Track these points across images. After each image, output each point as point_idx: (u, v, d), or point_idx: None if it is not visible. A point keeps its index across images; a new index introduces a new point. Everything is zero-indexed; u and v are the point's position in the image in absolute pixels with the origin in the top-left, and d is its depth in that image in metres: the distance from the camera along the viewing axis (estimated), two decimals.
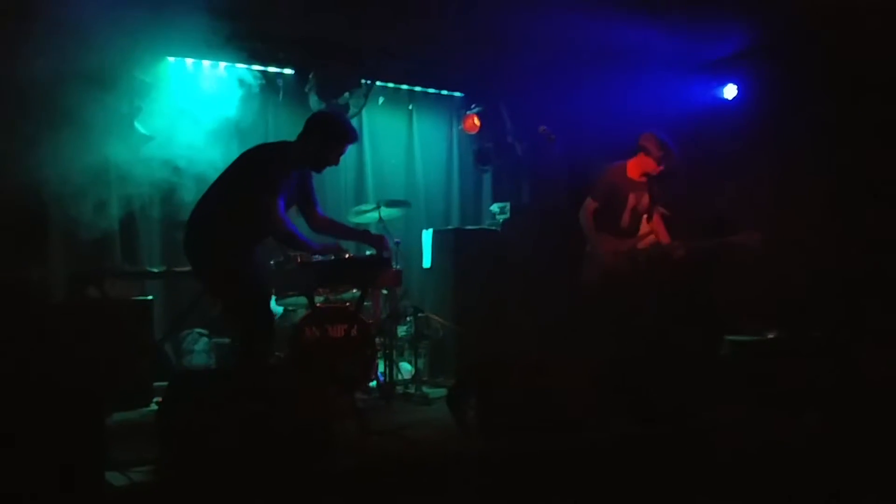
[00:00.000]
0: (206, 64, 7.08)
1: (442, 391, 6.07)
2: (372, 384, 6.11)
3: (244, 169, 4.56)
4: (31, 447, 3.42)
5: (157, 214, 7.00)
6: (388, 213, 6.78)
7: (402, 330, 6.75)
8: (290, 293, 6.01)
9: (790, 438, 4.65)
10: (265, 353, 4.56)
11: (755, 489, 4.04)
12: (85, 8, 5.15)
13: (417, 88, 8.52)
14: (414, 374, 6.39)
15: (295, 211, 5.85)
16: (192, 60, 7.03)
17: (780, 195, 7.29)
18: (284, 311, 6.44)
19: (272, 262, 5.71)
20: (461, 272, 7.14)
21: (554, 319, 6.50)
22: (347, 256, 5.04)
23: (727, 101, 8.00)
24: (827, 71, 6.99)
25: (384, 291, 6.61)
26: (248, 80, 7.03)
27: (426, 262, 7.58)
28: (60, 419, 3.51)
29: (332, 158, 4.73)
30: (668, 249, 5.95)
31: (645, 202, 5.99)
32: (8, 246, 5.95)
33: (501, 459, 4.18)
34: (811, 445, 4.53)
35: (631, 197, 5.98)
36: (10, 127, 5.59)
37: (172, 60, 6.90)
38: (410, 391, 6.15)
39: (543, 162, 7.05)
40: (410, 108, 8.63)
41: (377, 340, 6.19)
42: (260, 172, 4.47)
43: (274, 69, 7.31)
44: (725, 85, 7.98)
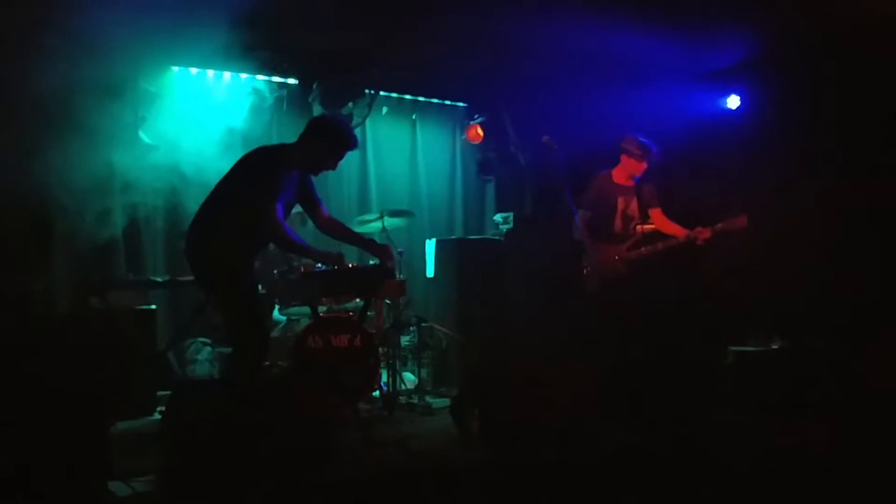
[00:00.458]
0: (210, 73, 7.11)
1: (445, 401, 6.06)
2: (375, 394, 6.09)
3: (242, 173, 4.54)
4: (34, 456, 3.42)
5: (160, 224, 7.01)
6: (391, 222, 6.78)
7: (405, 340, 6.75)
8: (293, 303, 6.01)
9: (794, 448, 4.63)
10: (259, 359, 4.54)
11: (759, 499, 4.02)
12: (93, 18, 5.17)
13: (421, 98, 8.55)
14: (417, 384, 6.38)
15: (300, 219, 5.89)
16: (196, 70, 7.05)
17: (783, 205, 7.28)
18: (287, 320, 6.44)
19: (275, 271, 5.73)
20: (464, 282, 7.14)
21: (557, 329, 6.52)
22: (351, 266, 5.04)
23: (731, 111, 8.00)
24: (830, 81, 6.99)
25: (387, 301, 6.60)
26: (252, 89, 7.06)
27: (429, 271, 7.59)
28: (64, 428, 3.52)
29: (329, 163, 4.71)
30: (690, 237, 6.03)
31: (634, 205, 6.18)
32: (12, 255, 5.96)
33: (505, 470, 4.17)
34: (815, 455, 4.52)
35: (620, 201, 6.18)
36: (14, 136, 5.60)
37: (176, 70, 6.92)
38: (413, 401, 6.13)
39: (546, 172, 7.04)
40: (414, 117, 8.65)
41: (380, 350, 6.18)
42: (257, 176, 4.45)
43: (278, 79, 7.33)
44: (729, 95, 7.99)
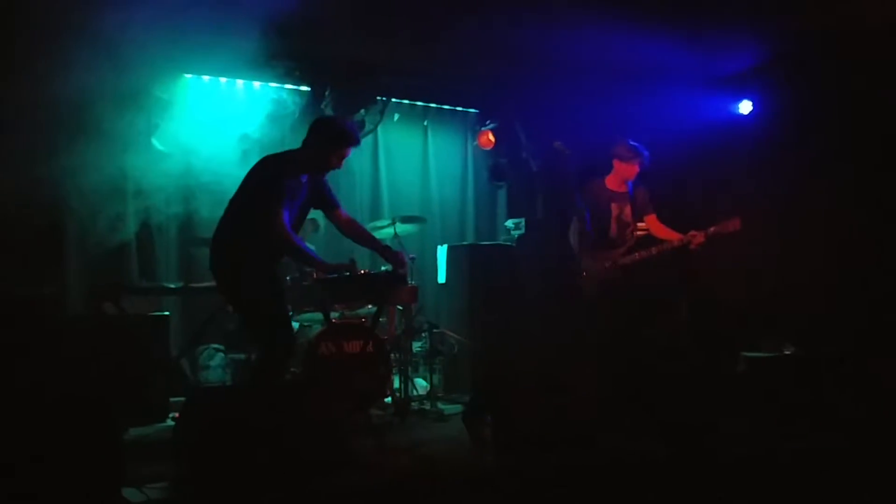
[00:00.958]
0: (222, 81, 7.14)
1: (457, 407, 6.07)
2: (387, 400, 6.10)
3: (250, 184, 4.58)
4: (47, 462, 3.43)
5: (173, 230, 7.05)
6: (403, 228, 6.78)
7: (417, 346, 6.76)
8: (305, 309, 6.02)
9: (807, 453, 4.61)
10: (282, 370, 4.55)
11: None
12: (110, 27, 5.20)
13: (432, 105, 8.56)
14: (429, 389, 6.38)
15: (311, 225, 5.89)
16: (208, 77, 7.08)
17: (796, 210, 7.26)
18: (300, 326, 6.45)
19: (288, 277, 5.74)
20: (476, 288, 7.13)
21: (569, 335, 6.50)
22: (363, 273, 5.04)
23: (743, 116, 7.98)
24: (843, 85, 6.96)
25: (399, 307, 6.60)
26: (265, 97, 7.08)
27: (441, 277, 7.58)
28: (77, 435, 3.53)
29: (334, 161, 4.71)
30: (684, 241, 5.94)
31: (628, 211, 6.17)
32: (26, 261, 5.99)
33: (518, 477, 4.16)
34: (828, 460, 4.49)
35: (613, 207, 6.16)
36: (28, 143, 5.63)
37: (189, 77, 6.95)
38: (426, 407, 6.13)
39: (558, 177, 7.03)
40: (425, 124, 8.66)
41: (392, 356, 6.19)
42: (263, 185, 4.49)
43: (291, 86, 7.35)
44: (741, 101, 7.96)
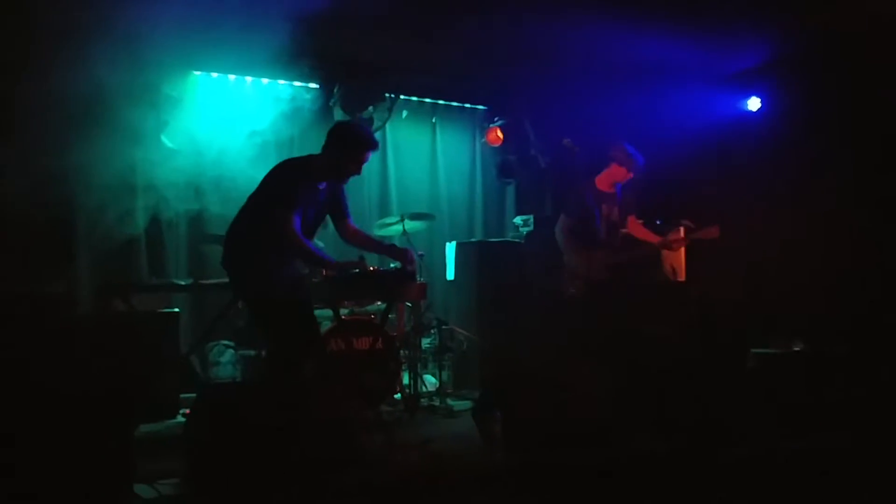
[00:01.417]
0: (231, 78, 7.15)
1: (467, 403, 6.08)
2: (396, 397, 6.11)
3: (268, 185, 4.62)
4: (59, 459, 3.45)
5: (183, 227, 7.06)
6: (411, 225, 6.79)
7: (426, 342, 6.76)
8: (315, 305, 6.03)
9: (815, 452, 4.60)
10: (299, 366, 4.58)
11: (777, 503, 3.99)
12: (120, 24, 5.21)
13: (441, 102, 8.56)
14: (438, 386, 6.39)
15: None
16: (217, 74, 7.09)
17: (804, 207, 7.24)
18: None
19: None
20: (485, 284, 7.13)
21: (569, 332, 6.51)
22: (372, 270, 5.05)
23: (751, 113, 7.96)
24: (852, 82, 6.94)
25: (408, 304, 6.61)
26: (273, 94, 7.09)
27: (450, 274, 7.59)
28: (88, 431, 3.55)
29: (353, 168, 4.74)
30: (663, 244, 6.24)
31: (616, 212, 6.23)
32: (36, 258, 6.01)
33: (528, 473, 4.16)
34: (838, 459, 4.48)
35: (603, 208, 6.20)
36: (38, 140, 5.64)
37: (198, 74, 6.97)
38: (435, 404, 6.14)
39: (567, 174, 7.03)
40: (434, 121, 8.65)
41: (402, 353, 6.19)
42: (278, 187, 4.52)
43: (299, 83, 7.35)
44: (749, 97, 7.94)
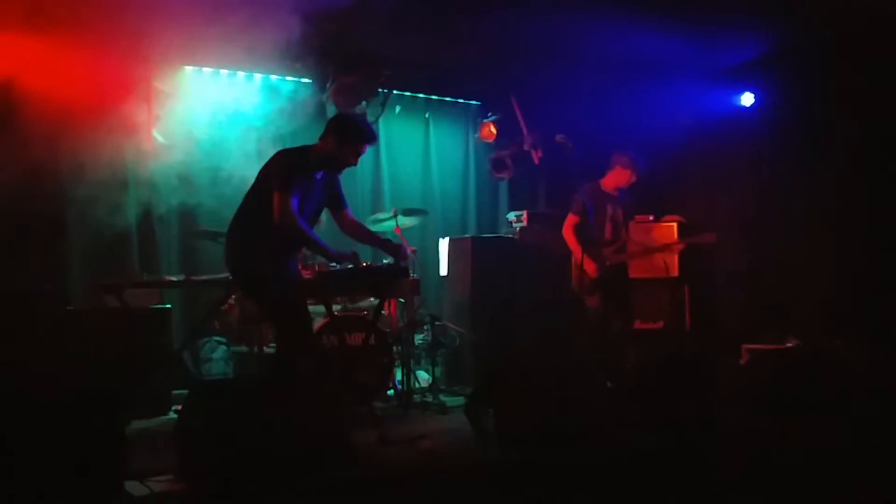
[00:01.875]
0: (223, 72, 7.11)
1: (459, 399, 6.06)
2: (389, 393, 6.10)
3: (263, 176, 4.63)
4: (49, 455, 3.43)
5: (175, 223, 7.03)
6: (404, 221, 6.77)
7: (419, 338, 6.74)
8: (308, 301, 6.01)
9: (809, 447, 4.60)
10: (299, 356, 4.59)
11: (771, 499, 3.99)
12: (118, 17, 5.20)
13: (434, 97, 8.55)
14: (431, 382, 6.37)
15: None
16: (209, 69, 7.06)
17: (799, 202, 7.25)
18: None
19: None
20: (478, 280, 7.12)
21: (571, 327, 6.52)
22: (365, 265, 5.03)
23: (745, 108, 7.96)
24: (847, 77, 6.94)
25: (401, 300, 6.60)
26: (266, 88, 7.06)
27: (443, 270, 7.58)
28: (79, 427, 3.53)
29: (350, 159, 4.76)
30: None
31: (619, 213, 6.43)
32: (27, 254, 5.99)
33: (520, 469, 4.16)
34: (832, 454, 4.48)
35: (609, 208, 6.40)
36: (29, 135, 5.62)
37: (190, 69, 6.93)
38: (428, 400, 6.13)
39: (560, 170, 7.04)
40: (427, 116, 8.64)
41: (394, 349, 6.18)
42: (275, 174, 4.53)
43: (292, 78, 7.33)
44: (743, 93, 7.95)
